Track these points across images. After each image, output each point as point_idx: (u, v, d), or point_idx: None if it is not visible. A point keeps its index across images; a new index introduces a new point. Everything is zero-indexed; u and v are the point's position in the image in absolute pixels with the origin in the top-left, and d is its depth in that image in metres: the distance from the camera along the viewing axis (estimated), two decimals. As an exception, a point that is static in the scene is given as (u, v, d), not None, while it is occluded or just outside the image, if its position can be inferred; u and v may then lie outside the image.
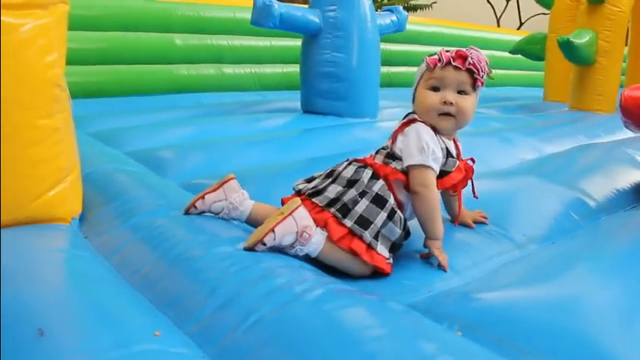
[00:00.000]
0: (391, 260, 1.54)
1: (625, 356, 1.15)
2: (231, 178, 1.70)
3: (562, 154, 2.95)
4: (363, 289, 1.37)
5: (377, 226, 1.51)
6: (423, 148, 1.58)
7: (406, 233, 1.60)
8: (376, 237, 1.51)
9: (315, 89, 3.85)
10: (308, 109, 3.94)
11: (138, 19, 4.68)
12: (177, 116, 3.72)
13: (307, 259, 1.50)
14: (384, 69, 5.14)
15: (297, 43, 4.27)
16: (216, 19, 5.19)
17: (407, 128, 1.65)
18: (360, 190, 1.54)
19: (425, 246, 1.62)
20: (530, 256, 1.70)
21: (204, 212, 1.70)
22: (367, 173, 1.58)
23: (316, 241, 1.49)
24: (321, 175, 1.68)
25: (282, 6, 3.69)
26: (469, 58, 1.60)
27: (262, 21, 3.68)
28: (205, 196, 1.68)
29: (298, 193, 1.65)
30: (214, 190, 1.69)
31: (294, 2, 6.55)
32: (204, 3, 5.25)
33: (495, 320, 1.27)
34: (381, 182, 1.56)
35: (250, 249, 1.44)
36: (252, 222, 1.65)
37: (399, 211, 1.56)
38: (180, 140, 2.97)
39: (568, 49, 4.73)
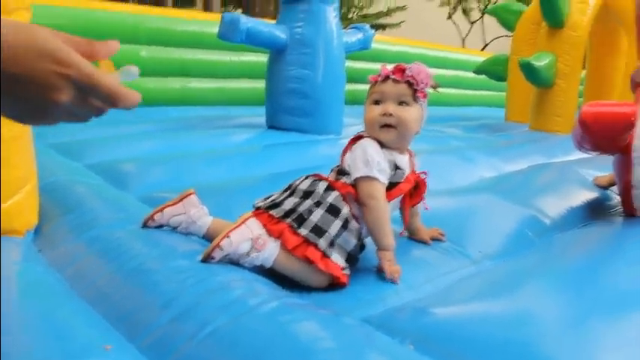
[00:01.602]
0: (348, 271, 1.56)
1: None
2: (192, 193, 1.71)
3: (519, 173, 3.02)
4: (318, 303, 1.38)
5: (331, 235, 1.53)
6: (367, 160, 1.61)
7: (362, 245, 1.62)
8: (331, 245, 1.53)
9: (281, 105, 3.86)
10: (273, 124, 3.95)
11: (104, 30, 4.63)
12: (140, 129, 3.70)
13: (265, 272, 1.51)
14: (350, 86, 5.20)
15: (264, 58, 4.29)
16: (183, 33, 5.18)
17: (354, 145, 1.69)
18: (316, 200, 1.57)
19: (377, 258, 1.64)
20: (484, 273, 1.73)
21: (162, 226, 1.69)
22: (322, 185, 1.61)
23: (271, 248, 1.50)
24: (279, 192, 1.70)
25: (249, 21, 3.71)
26: (407, 71, 1.68)
27: (229, 35, 3.69)
28: (164, 210, 1.69)
29: (257, 209, 1.65)
30: (174, 204, 1.69)
31: (264, 17, 6.59)
32: (172, 16, 5.25)
33: (448, 335, 1.28)
34: (335, 193, 1.59)
35: (207, 257, 1.45)
36: (210, 237, 1.65)
37: (353, 221, 1.58)
38: (143, 154, 2.95)
39: (528, 70, 4.85)
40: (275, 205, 1.60)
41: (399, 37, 10.71)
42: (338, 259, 1.53)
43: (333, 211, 1.56)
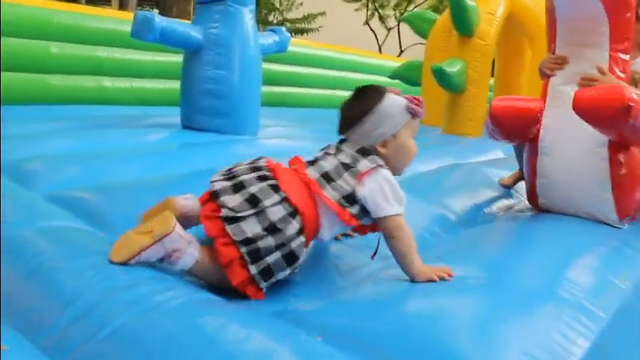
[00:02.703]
0: None
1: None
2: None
3: (430, 174, 3.12)
4: (229, 300, 1.38)
5: (276, 278, 1.50)
6: (401, 199, 1.60)
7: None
8: (270, 284, 1.51)
9: (196, 105, 3.81)
10: (188, 125, 3.89)
11: (12, 24, 4.43)
12: (49, 128, 3.54)
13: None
14: (266, 88, 5.21)
15: (180, 58, 4.23)
16: (96, 30, 5.04)
17: (377, 175, 1.61)
18: (280, 242, 1.48)
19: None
20: (393, 267, 1.78)
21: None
22: (294, 227, 1.50)
23: (185, 260, 1.44)
24: (242, 185, 1.53)
25: (163, 20, 3.65)
26: None
27: (143, 34, 3.61)
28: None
29: (214, 194, 1.52)
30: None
31: (181, 18, 6.50)
32: (84, 12, 5.09)
33: (357, 326, 1.32)
34: (301, 239, 1.51)
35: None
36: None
37: (298, 266, 1.54)
38: (52, 152, 2.83)
39: (441, 76, 5.03)
40: (235, 219, 1.47)
41: (318, 41, 10.82)
42: (266, 287, 1.52)
43: (291, 259, 1.50)
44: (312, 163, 1.67)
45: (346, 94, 1.76)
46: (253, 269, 1.44)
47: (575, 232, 2.24)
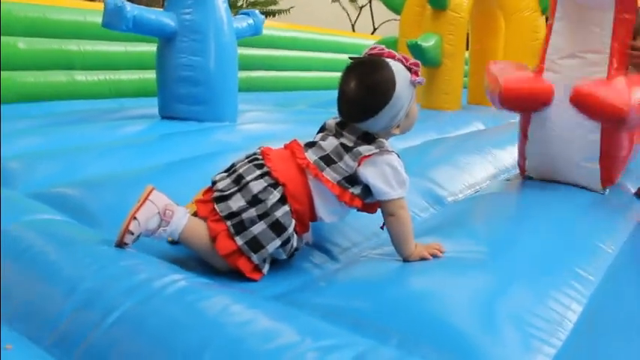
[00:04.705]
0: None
1: (474, 338, 1.21)
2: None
3: (415, 149, 3.13)
4: (225, 284, 1.38)
5: (267, 252, 1.49)
6: (403, 182, 1.58)
7: (291, 255, 1.59)
8: (264, 261, 1.51)
9: (173, 94, 3.76)
10: (166, 114, 3.84)
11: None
12: (24, 126, 3.46)
13: (171, 258, 1.48)
14: (243, 73, 5.15)
15: (153, 47, 4.16)
16: (64, 23, 4.92)
17: (380, 158, 1.56)
18: (261, 212, 1.48)
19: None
20: (385, 245, 1.78)
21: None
22: (275, 196, 1.50)
23: (179, 218, 1.47)
24: (234, 170, 1.58)
25: (135, 8, 3.58)
26: None
27: (114, 24, 3.55)
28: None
29: (212, 183, 1.59)
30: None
31: (152, 5, 6.38)
32: (51, 5, 4.97)
33: (356, 306, 1.33)
34: (285, 208, 1.50)
35: (120, 243, 1.41)
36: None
37: (292, 241, 1.53)
38: (28, 150, 2.78)
39: (417, 51, 5.02)
40: (223, 198, 1.52)
41: (290, 23, 10.75)
42: (266, 268, 1.53)
43: (277, 228, 1.49)
44: (311, 145, 1.64)
45: (334, 74, 1.73)
46: (239, 240, 1.47)
47: (560, 200, 2.26)
